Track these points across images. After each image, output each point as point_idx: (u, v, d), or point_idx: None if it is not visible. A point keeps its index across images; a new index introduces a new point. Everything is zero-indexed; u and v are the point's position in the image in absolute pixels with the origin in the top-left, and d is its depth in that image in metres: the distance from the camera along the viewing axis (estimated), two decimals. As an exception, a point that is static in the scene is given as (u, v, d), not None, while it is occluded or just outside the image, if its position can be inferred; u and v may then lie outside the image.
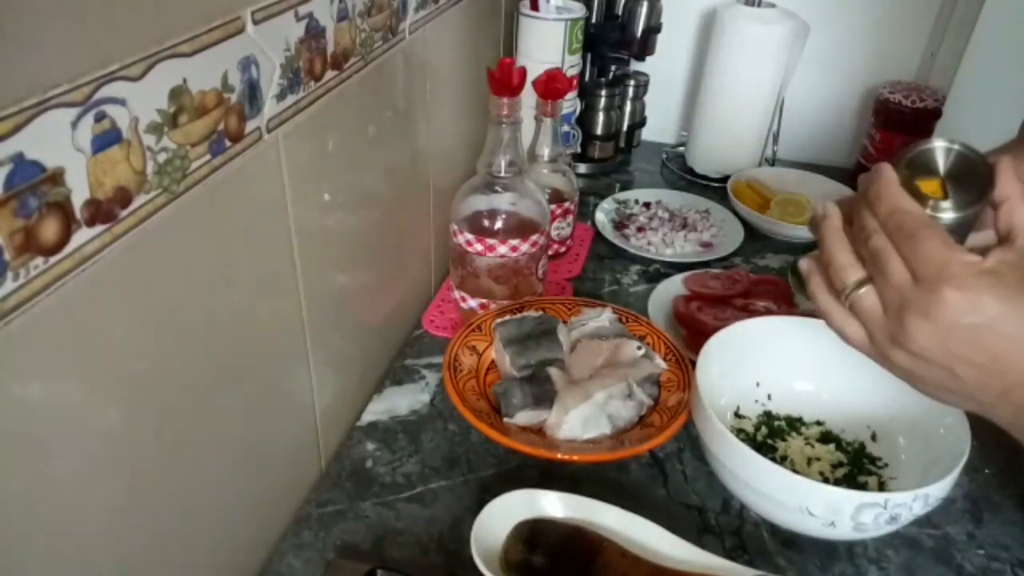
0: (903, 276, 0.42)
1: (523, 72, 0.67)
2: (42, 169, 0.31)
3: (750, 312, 0.77)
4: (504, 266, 0.73)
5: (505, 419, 0.63)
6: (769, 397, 0.68)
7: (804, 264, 0.51)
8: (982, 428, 0.57)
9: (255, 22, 0.43)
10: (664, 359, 0.67)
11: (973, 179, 0.44)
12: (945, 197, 0.44)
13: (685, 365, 0.68)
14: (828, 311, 0.49)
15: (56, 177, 0.31)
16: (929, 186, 0.45)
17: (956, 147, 0.45)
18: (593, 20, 1.06)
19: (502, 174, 0.71)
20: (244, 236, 0.47)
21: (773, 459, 0.58)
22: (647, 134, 1.25)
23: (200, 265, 0.43)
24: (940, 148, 0.45)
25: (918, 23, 1.11)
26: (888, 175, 0.44)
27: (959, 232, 0.44)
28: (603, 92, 1.10)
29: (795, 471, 0.52)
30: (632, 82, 1.15)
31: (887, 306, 0.44)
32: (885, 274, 0.43)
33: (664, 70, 1.21)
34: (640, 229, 0.98)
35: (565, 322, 0.72)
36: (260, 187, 0.48)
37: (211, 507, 0.49)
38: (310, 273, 0.56)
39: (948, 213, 0.44)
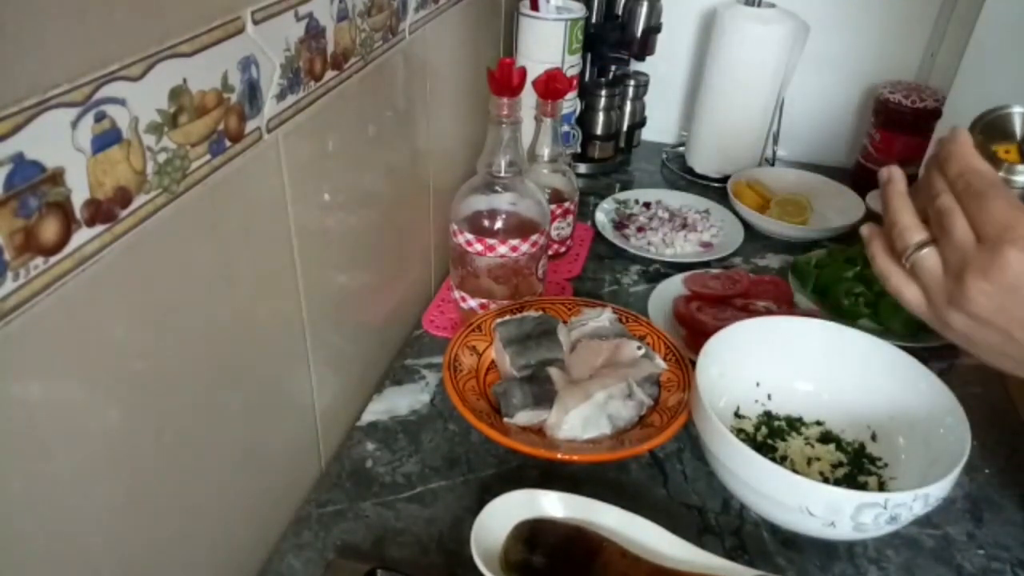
0: (967, 235, 0.42)
1: (523, 72, 0.67)
2: (42, 169, 0.31)
3: (750, 312, 0.77)
4: (504, 266, 0.73)
5: (505, 419, 0.63)
6: (769, 397, 0.68)
7: (865, 229, 0.50)
8: (982, 428, 0.58)
9: (255, 22, 0.43)
10: (664, 359, 0.67)
11: None
12: (1021, 161, 0.44)
13: (685, 365, 0.68)
14: (887, 273, 0.48)
15: (56, 177, 0.31)
16: (1005, 151, 0.44)
17: None
18: (593, 20, 1.06)
19: (502, 174, 0.71)
20: (244, 236, 0.47)
21: (773, 459, 0.58)
22: (647, 134, 1.25)
23: (200, 265, 0.43)
24: (1018, 113, 0.44)
25: (918, 23, 1.11)
26: (963, 136, 0.44)
27: None
28: (603, 92, 1.10)
29: (795, 471, 0.52)
30: (632, 82, 1.15)
31: (948, 266, 0.43)
32: (949, 233, 0.43)
33: (664, 70, 1.21)
34: (640, 229, 0.98)
35: (565, 322, 0.72)
36: (260, 187, 0.48)
37: (211, 507, 0.49)
38: (310, 273, 0.56)
39: (1023, 176, 0.43)
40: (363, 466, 0.63)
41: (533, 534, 0.52)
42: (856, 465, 0.62)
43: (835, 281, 0.83)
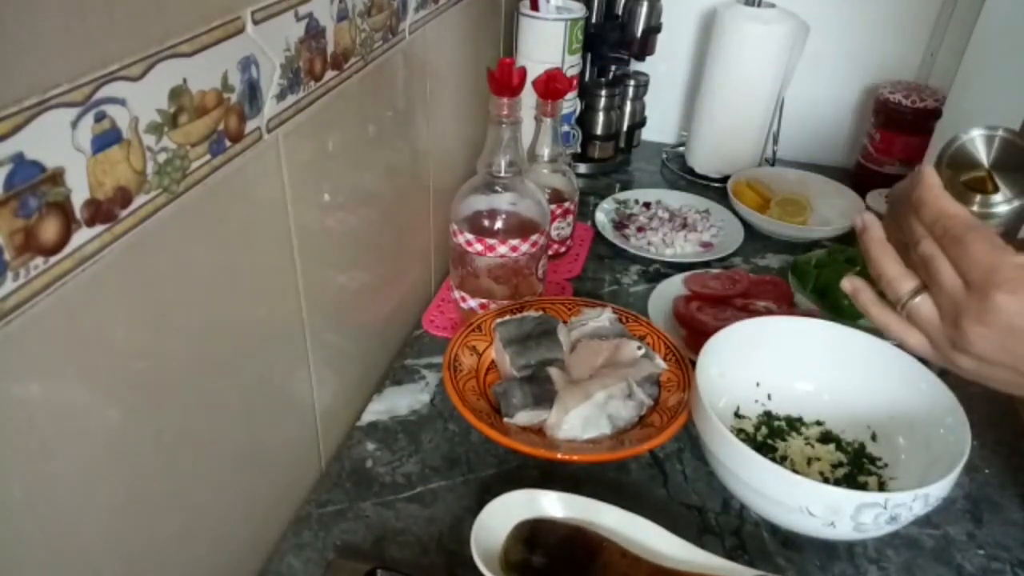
0: (955, 282, 0.42)
1: (523, 72, 0.67)
2: (42, 169, 0.31)
3: (750, 312, 0.77)
4: (504, 266, 0.73)
5: (505, 419, 0.63)
6: (769, 397, 0.68)
7: (848, 283, 0.50)
8: (982, 428, 0.58)
9: (255, 22, 0.43)
10: (664, 359, 0.67)
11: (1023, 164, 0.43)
12: (995, 190, 0.43)
13: (685, 365, 0.68)
14: (885, 324, 0.48)
15: (56, 177, 0.31)
16: (977, 180, 0.43)
17: (999, 133, 0.43)
18: (593, 20, 1.06)
19: (502, 174, 0.71)
20: (244, 236, 0.47)
21: (773, 459, 0.58)
22: (647, 134, 1.25)
23: (200, 265, 0.43)
24: (980, 137, 0.43)
25: (918, 23, 1.11)
26: (929, 179, 0.43)
27: (1018, 222, 0.43)
28: (603, 92, 1.10)
29: (795, 471, 0.52)
30: (632, 82, 1.15)
31: (943, 313, 0.44)
32: (937, 281, 0.43)
33: (664, 70, 1.21)
34: (640, 229, 0.98)
35: (565, 322, 0.72)
36: (260, 187, 0.48)
37: (211, 507, 0.49)
38: (310, 273, 0.56)
39: (1002, 206, 0.42)
40: (363, 466, 0.63)
41: (533, 534, 0.52)
42: (856, 465, 0.62)
43: (835, 281, 0.83)
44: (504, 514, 0.53)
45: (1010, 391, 0.46)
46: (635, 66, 1.19)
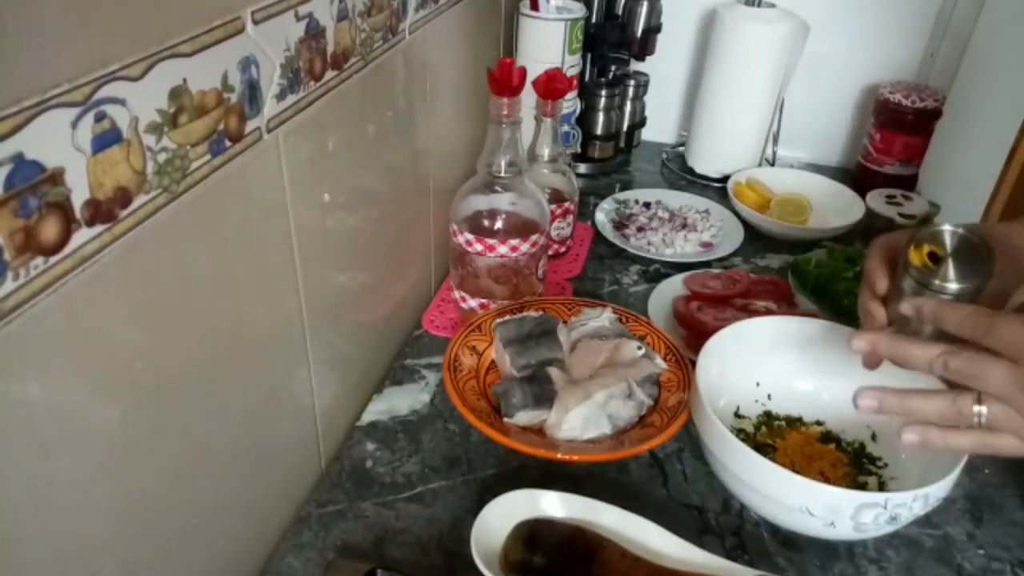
0: (1008, 373, 0.43)
1: (523, 72, 0.67)
2: (42, 169, 0.31)
3: (750, 312, 0.77)
4: (504, 266, 0.73)
5: (505, 419, 0.63)
6: (769, 397, 0.68)
7: (909, 435, 0.48)
8: (982, 428, 0.58)
9: (255, 22, 0.43)
10: (664, 359, 0.67)
11: (974, 257, 0.48)
12: (942, 271, 0.48)
13: (685, 365, 0.68)
14: (977, 447, 0.47)
15: (56, 177, 0.31)
16: (932, 256, 0.49)
17: (960, 231, 0.49)
18: (593, 20, 1.06)
19: (502, 174, 0.71)
20: (244, 236, 0.47)
21: (773, 459, 0.58)
22: (647, 134, 1.25)
23: (200, 265, 0.43)
24: (947, 232, 0.49)
25: (918, 23, 1.11)
26: (941, 303, 0.47)
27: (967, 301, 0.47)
28: (603, 92, 1.10)
29: (795, 471, 0.52)
30: (632, 82, 1.15)
31: (1017, 404, 0.44)
32: (992, 383, 0.44)
33: (664, 70, 1.21)
34: (640, 229, 0.98)
35: (565, 322, 0.72)
36: (260, 187, 0.48)
37: (211, 507, 0.49)
38: (310, 273, 0.56)
39: (954, 284, 0.47)
40: (363, 466, 0.63)
41: (533, 534, 0.52)
42: (856, 465, 0.62)
43: (835, 281, 0.83)
44: (504, 514, 0.53)
45: None
46: (635, 66, 1.19)
